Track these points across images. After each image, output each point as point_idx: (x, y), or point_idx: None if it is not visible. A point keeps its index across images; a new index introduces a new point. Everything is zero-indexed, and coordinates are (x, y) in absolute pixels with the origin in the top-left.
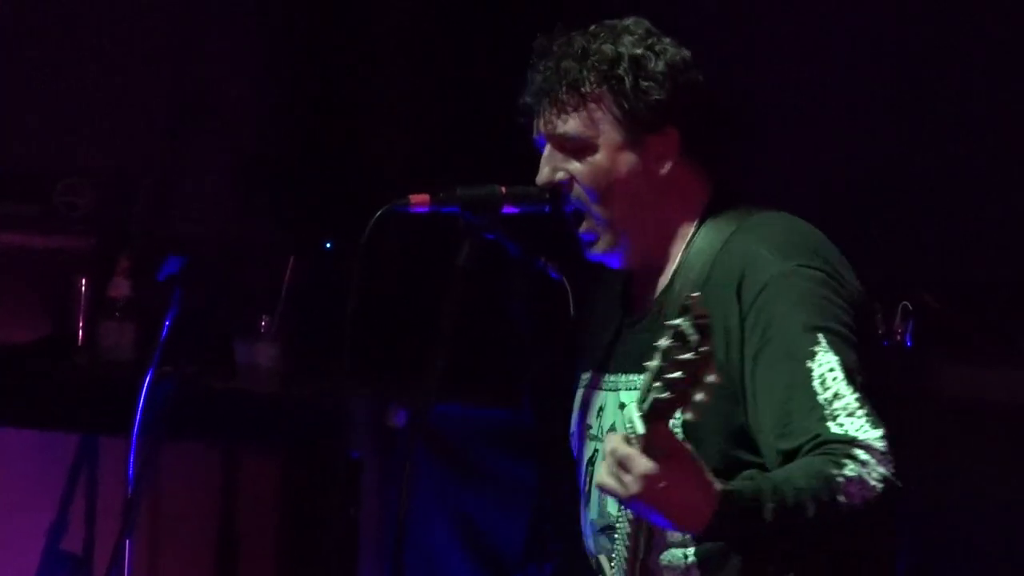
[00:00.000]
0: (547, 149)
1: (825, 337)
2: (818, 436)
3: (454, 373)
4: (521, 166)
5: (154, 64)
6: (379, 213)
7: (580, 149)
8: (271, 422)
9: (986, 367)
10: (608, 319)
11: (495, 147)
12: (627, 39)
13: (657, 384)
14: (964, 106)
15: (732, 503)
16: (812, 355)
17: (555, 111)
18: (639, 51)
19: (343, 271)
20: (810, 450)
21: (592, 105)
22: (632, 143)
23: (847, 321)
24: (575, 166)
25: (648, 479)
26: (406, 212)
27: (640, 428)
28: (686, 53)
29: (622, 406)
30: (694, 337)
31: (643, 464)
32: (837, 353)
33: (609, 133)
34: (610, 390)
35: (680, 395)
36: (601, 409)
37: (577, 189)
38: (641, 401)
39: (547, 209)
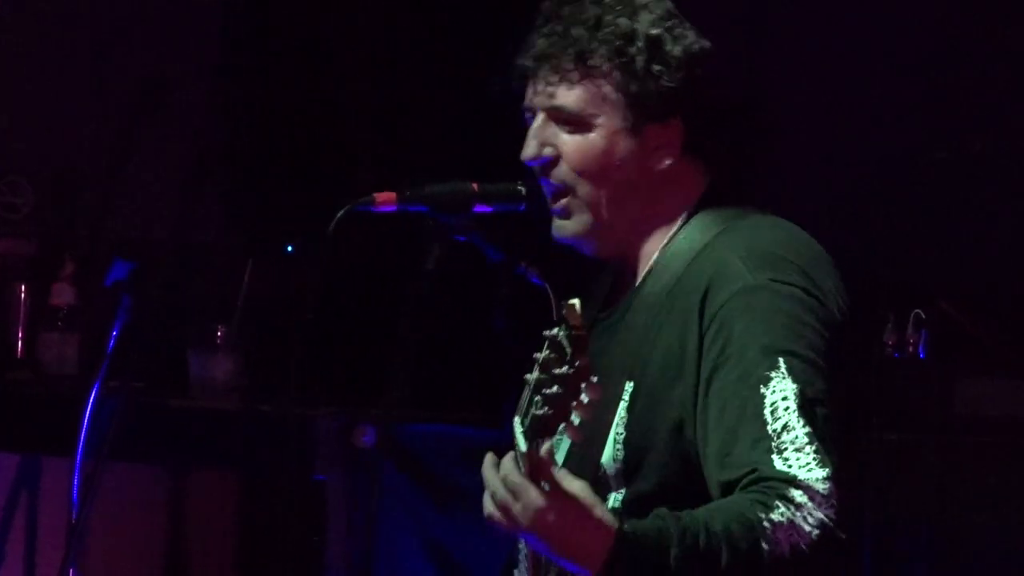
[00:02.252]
0: (538, 120)
1: (785, 362)
2: (755, 471)
3: (429, 388)
4: (496, 167)
5: (103, 59)
6: (340, 213)
7: (575, 125)
8: (228, 441)
9: (1006, 381)
10: (591, 308)
11: (465, 145)
12: (645, 16)
13: (536, 398)
14: (987, 100)
15: (630, 546)
16: (767, 380)
17: (555, 80)
18: (657, 31)
19: (306, 277)
20: (745, 486)
21: (597, 80)
22: (633, 129)
23: (817, 345)
24: (566, 142)
25: (536, 512)
26: (371, 212)
27: (522, 446)
28: (706, 44)
29: None
30: (569, 349)
31: (530, 495)
32: (796, 381)
33: (610, 113)
34: None
35: (558, 412)
36: None
37: (564, 167)
38: (523, 417)
39: (522, 208)
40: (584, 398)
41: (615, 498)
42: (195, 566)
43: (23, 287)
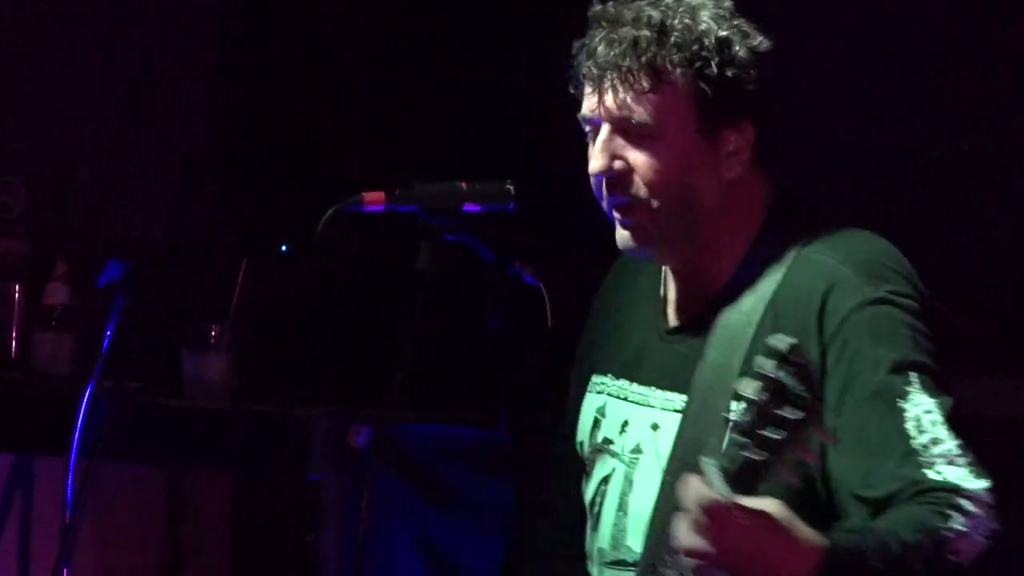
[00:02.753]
0: (604, 132)
1: (919, 376)
2: (918, 482)
3: (423, 388)
4: (487, 166)
5: (97, 56)
6: (328, 214)
7: (647, 136)
8: (221, 441)
9: (1005, 380)
10: (636, 321)
11: (462, 145)
12: (708, 17)
13: (745, 440)
14: (987, 99)
15: (835, 562)
16: (905, 395)
17: (624, 90)
18: (725, 33)
19: (300, 277)
20: (909, 497)
21: (669, 88)
22: (707, 135)
23: (938, 356)
24: (638, 156)
25: (740, 542)
26: (359, 212)
27: (723, 489)
28: (769, 42)
29: (655, 427)
30: (798, 390)
31: (734, 526)
32: (932, 395)
33: (683, 121)
34: (638, 404)
35: (778, 457)
36: (626, 424)
37: (636, 182)
38: (723, 456)
39: (510, 207)
40: (816, 440)
41: None
42: (189, 566)
43: (17, 287)
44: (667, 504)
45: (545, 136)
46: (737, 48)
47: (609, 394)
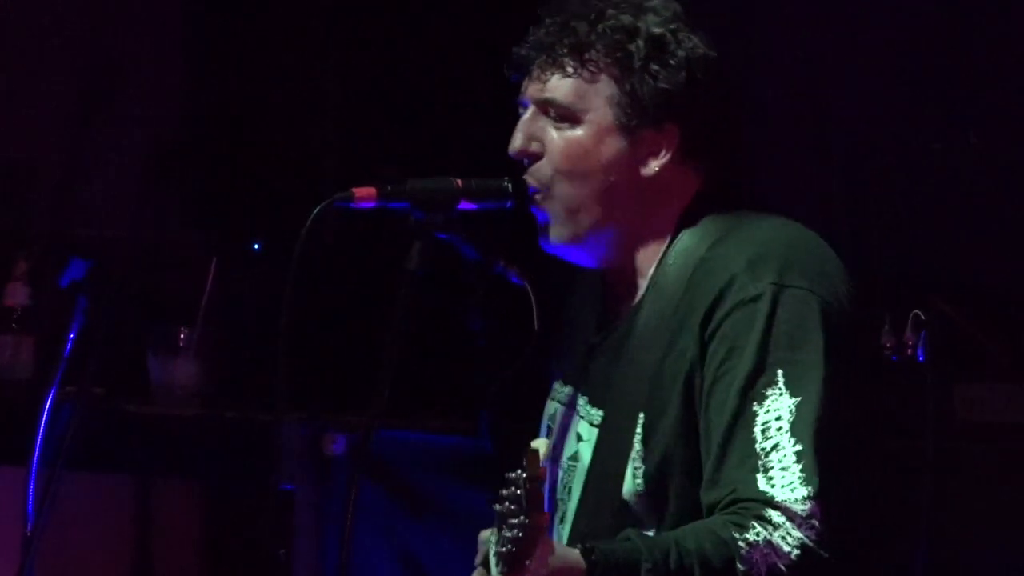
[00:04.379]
0: (528, 113)
1: (785, 374)
2: (734, 491)
3: (402, 393)
4: (472, 162)
5: (60, 48)
6: (319, 208)
7: (564, 119)
8: (191, 449)
9: (1008, 385)
10: (582, 327)
11: (436, 142)
12: (651, 17)
13: (504, 534)
14: (988, 95)
15: (602, 571)
16: (763, 398)
17: (549, 71)
18: (659, 31)
19: (273, 277)
20: (724, 507)
21: (593, 74)
22: (625, 130)
23: (825, 349)
24: (553, 138)
25: None
26: (349, 208)
27: (496, 571)
28: (712, 52)
29: (579, 438)
30: (524, 501)
31: None
32: (795, 394)
33: (602, 111)
34: (577, 413)
35: (521, 553)
36: (566, 430)
37: (544, 165)
38: (495, 543)
39: (508, 205)
40: (535, 555)
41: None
42: None
43: None
44: (581, 517)
45: None
46: (671, 49)
47: (559, 401)
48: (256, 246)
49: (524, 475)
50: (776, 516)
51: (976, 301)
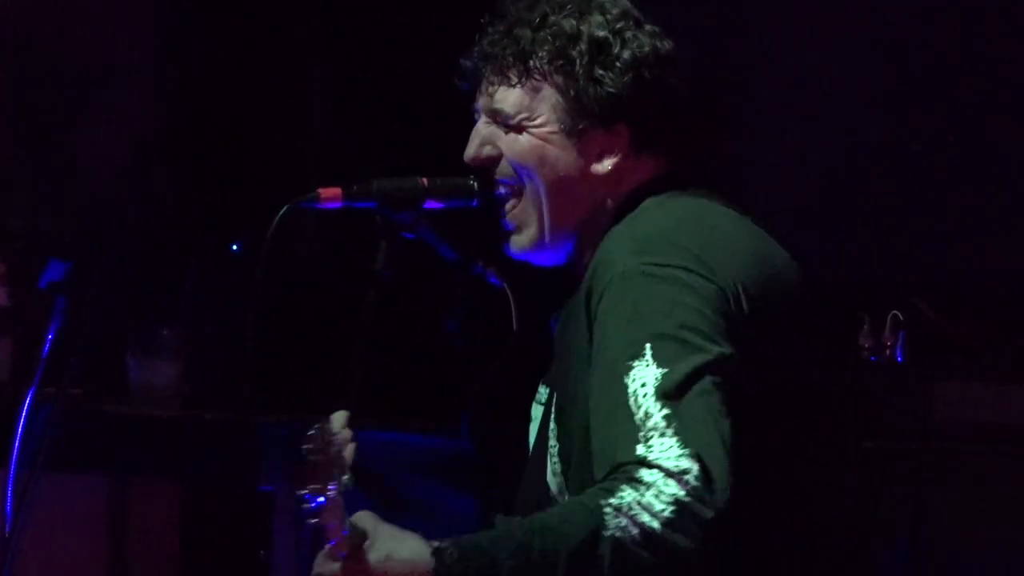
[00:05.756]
0: (480, 121)
1: (652, 347)
2: (619, 461)
3: (381, 394)
4: (444, 162)
5: (39, 50)
6: (283, 211)
7: (512, 129)
8: (170, 451)
9: (988, 384)
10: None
11: (416, 142)
12: (596, 18)
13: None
14: (965, 92)
15: (453, 566)
16: (629, 370)
17: (496, 80)
18: (603, 33)
19: (252, 277)
20: (601, 479)
21: (537, 82)
22: (571, 132)
23: (694, 322)
24: (504, 141)
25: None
26: (314, 208)
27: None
28: (665, 46)
29: (530, 419)
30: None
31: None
32: (661, 364)
33: (548, 115)
34: (536, 400)
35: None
36: (532, 420)
37: (504, 166)
38: None
39: (475, 203)
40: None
41: None
42: None
43: None
44: (521, 500)
45: None
46: (615, 51)
47: (538, 401)
48: (235, 247)
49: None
50: (648, 475)
51: (956, 301)
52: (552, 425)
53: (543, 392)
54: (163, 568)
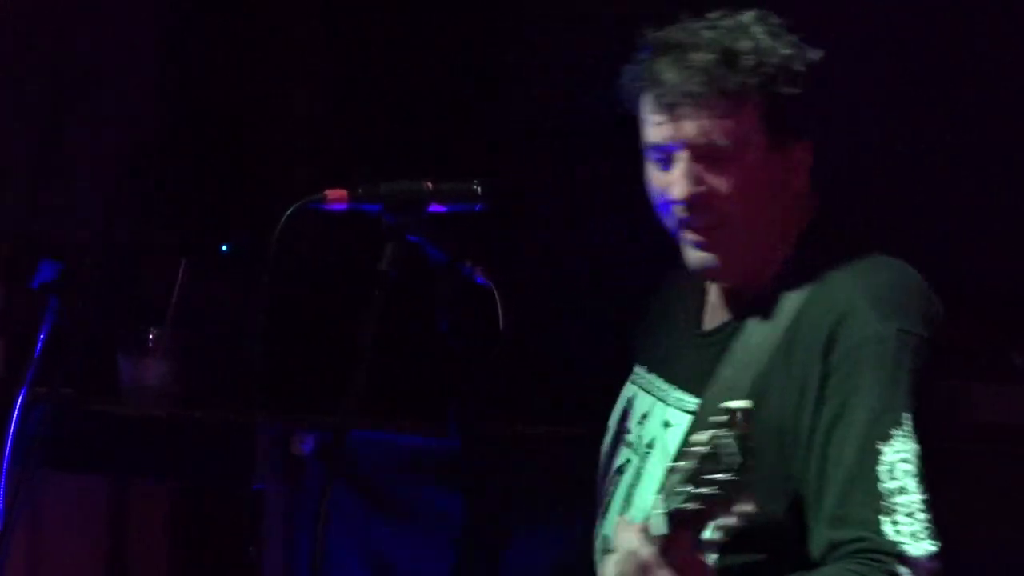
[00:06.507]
0: (684, 159)
1: (911, 421)
2: (864, 540)
3: (370, 393)
4: (444, 162)
5: (30, 52)
6: (291, 210)
7: (723, 159)
8: (161, 449)
9: (986, 384)
10: (675, 318)
11: (405, 145)
12: (762, 34)
13: (687, 489)
14: (966, 92)
15: None
16: (888, 438)
17: (700, 117)
18: (788, 51)
19: (242, 277)
20: (852, 553)
21: (742, 110)
22: (777, 151)
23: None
24: (718, 180)
25: None
26: (320, 209)
27: (663, 528)
28: (815, 51)
29: (667, 424)
30: (735, 458)
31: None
32: (918, 443)
33: (757, 141)
34: (659, 399)
35: (711, 512)
36: (645, 416)
37: (716, 204)
38: (667, 499)
39: (477, 208)
40: (744, 508)
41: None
42: None
43: None
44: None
45: (500, 136)
46: (797, 64)
47: (640, 386)
48: (225, 247)
49: (732, 433)
50: (906, 573)
51: (956, 301)
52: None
53: (687, 400)
54: (156, 565)
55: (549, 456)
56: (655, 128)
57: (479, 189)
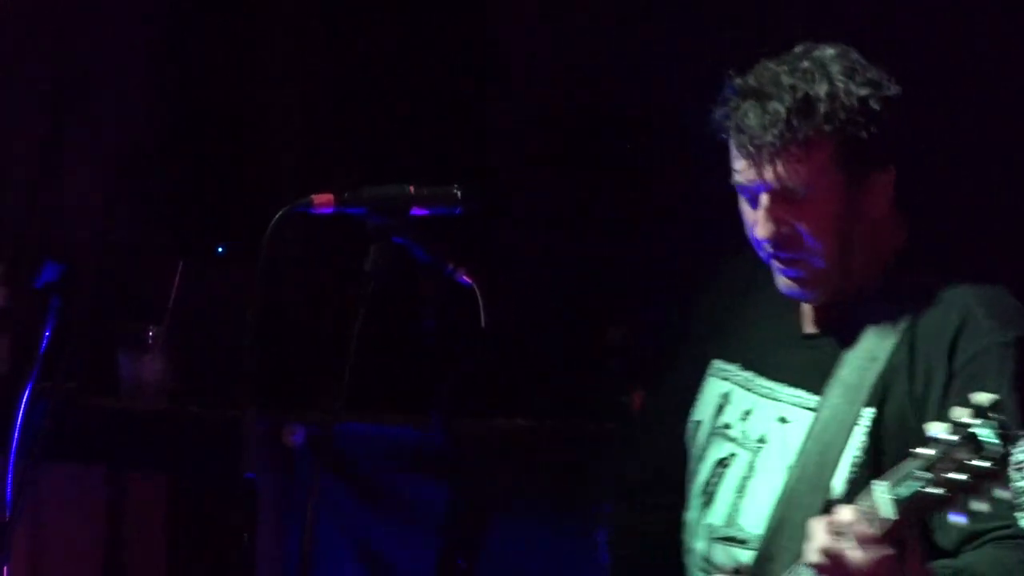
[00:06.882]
0: (766, 201)
1: None
2: (1009, 527)
3: (357, 388)
4: (443, 162)
5: (29, 54)
6: (279, 214)
7: (804, 200)
8: (158, 442)
9: None
10: (767, 318)
11: (396, 149)
12: (839, 74)
13: (927, 475)
14: (966, 92)
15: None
16: (1018, 439)
17: (779, 163)
18: (864, 92)
19: (236, 277)
20: (999, 539)
21: (820, 155)
22: (856, 186)
23: None
24: (800, 220)
25: (880, 565)
26: (307, 213)
27: (890, 513)
28: (894, 86)
29: (783, 420)
30: (996, 447)
31: (883, 551)
32: None
33: (834, 181)
34: (765, 396)
35: (956, 497)
36: (748, 413)
37: (802, 242)
38: (897, 484)
39: (457, 211)
40: (1000, 494)
41: None
42: (127, 567)
43: None
44: (792, 495)
45: (482, 139)
46: (874, 103)
47: (735, 383)
48: (220, 249)
49: (992, 425)
50: None
51: None
52: (862, 437)
53: (805, 397)
54: (153, 552)
55: (526, 449)
56: (742, 170)
57: (459, 193)
